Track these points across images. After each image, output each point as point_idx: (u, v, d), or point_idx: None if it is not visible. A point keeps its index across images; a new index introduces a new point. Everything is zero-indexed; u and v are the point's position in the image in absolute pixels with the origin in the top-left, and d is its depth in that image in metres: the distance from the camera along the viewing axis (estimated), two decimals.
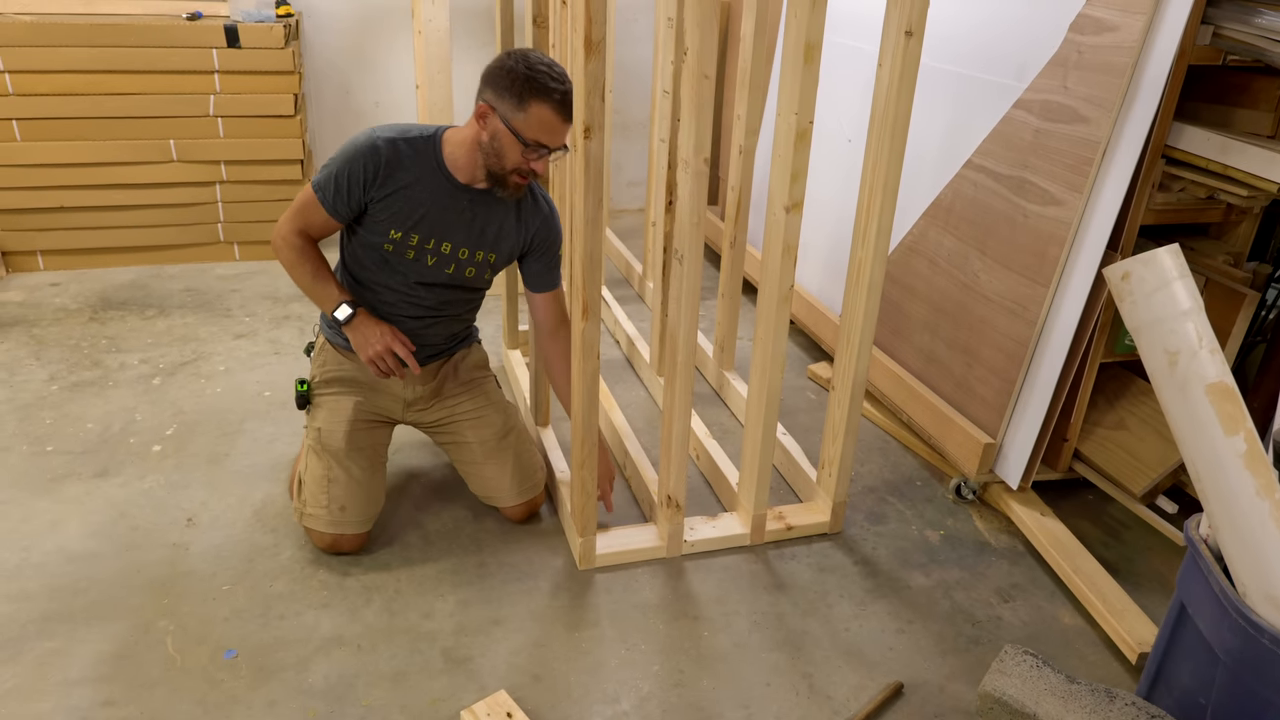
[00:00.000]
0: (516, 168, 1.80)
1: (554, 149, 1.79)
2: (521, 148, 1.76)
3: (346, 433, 1.95)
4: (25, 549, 1.94)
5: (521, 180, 1.83)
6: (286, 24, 3.27)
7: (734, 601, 1.89)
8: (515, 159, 1.78)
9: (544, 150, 1.78)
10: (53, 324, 2.97)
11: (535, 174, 1.82)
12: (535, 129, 1.74)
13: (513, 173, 1.81)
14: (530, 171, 1.81)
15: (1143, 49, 1.81)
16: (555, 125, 1.74)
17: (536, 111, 1.72)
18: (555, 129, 1.75)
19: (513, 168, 1.80)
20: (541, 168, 1.81)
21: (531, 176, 1.83)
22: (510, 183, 1.83)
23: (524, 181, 1.84)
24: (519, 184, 1.84)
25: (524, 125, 1.74)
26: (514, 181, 1.83)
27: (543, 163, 1.81)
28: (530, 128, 1.74)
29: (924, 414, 2.36)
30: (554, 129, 1.75)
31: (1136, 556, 2.08)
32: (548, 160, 1.81)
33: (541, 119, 1.73)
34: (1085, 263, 1.94)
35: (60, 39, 3.08)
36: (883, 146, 1.75)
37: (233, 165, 3.36)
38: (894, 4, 1.66)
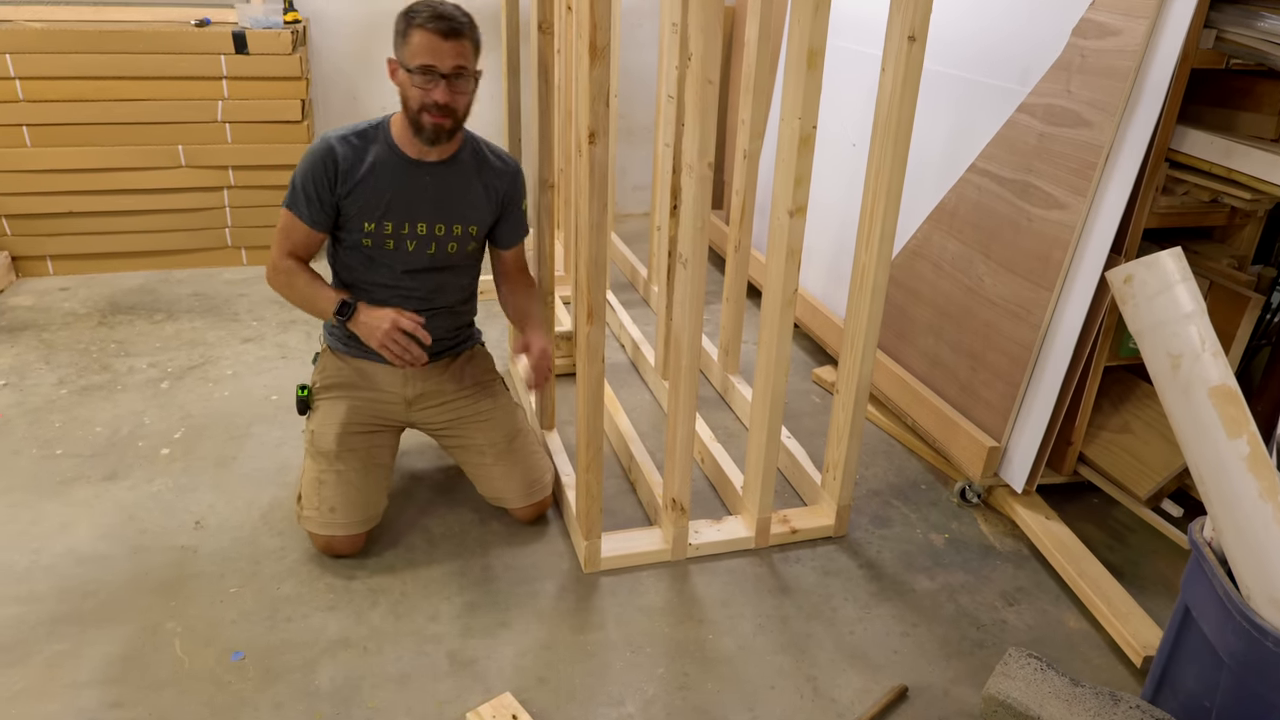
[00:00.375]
0: (421, 104, 1.78)
1: (445, 72, 1.75)
2: (415, 79, 1.76)
3: (337, 435, 1.97)
4: (35, 551, 1.96)
5: (434, 118, 1.79)
6: (294, 30, 3.29)
7: (739, 604, 1.89)
8: (415, 93, 1.78)
9: (433, 74, 1.75)
10: (62, 328, 2.99)
11: (443, 106, 1.78)
12: (417, 54, 1.75)
13: (420, 111, 1.79)
14: (436, 105, 1.77)
15: (1145, 53, 1.81)
16: (435, 44, 1.73)
17: (414, 38, 1.74)
18: (436, 48, 1.74)
19: (418, 105, 1.79)
20: (442, 95, 1.76)
21: (443, 113, 1.79)
22: (424, 123, 1.80)
23: (437, 120, 1.79)
24: (434, 123, 1.80)
25: (410, 56, 1.76)
26: (427, 121, 1.80)
27: (442, 89, 1.76)
28: (414, 55, 1.75)
29: (928, 417, 2.36)
30: (435, 49, 1.74)
31: (1142, 560, 2.08)
32: (447, 88, 1.77)
33: (420, 43, 1.74)
34: (1089, 266, 1.94)
35: (70, 45, 3.11)
36: (886, 151, 1.75)
37: (240, 170, 3.38)
38: (896, 9, 1.67)
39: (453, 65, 1.76)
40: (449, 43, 1.74)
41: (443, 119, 1.81)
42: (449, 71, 1.76)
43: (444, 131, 1.83)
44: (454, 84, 1.78)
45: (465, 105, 1.84)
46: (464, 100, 1.82)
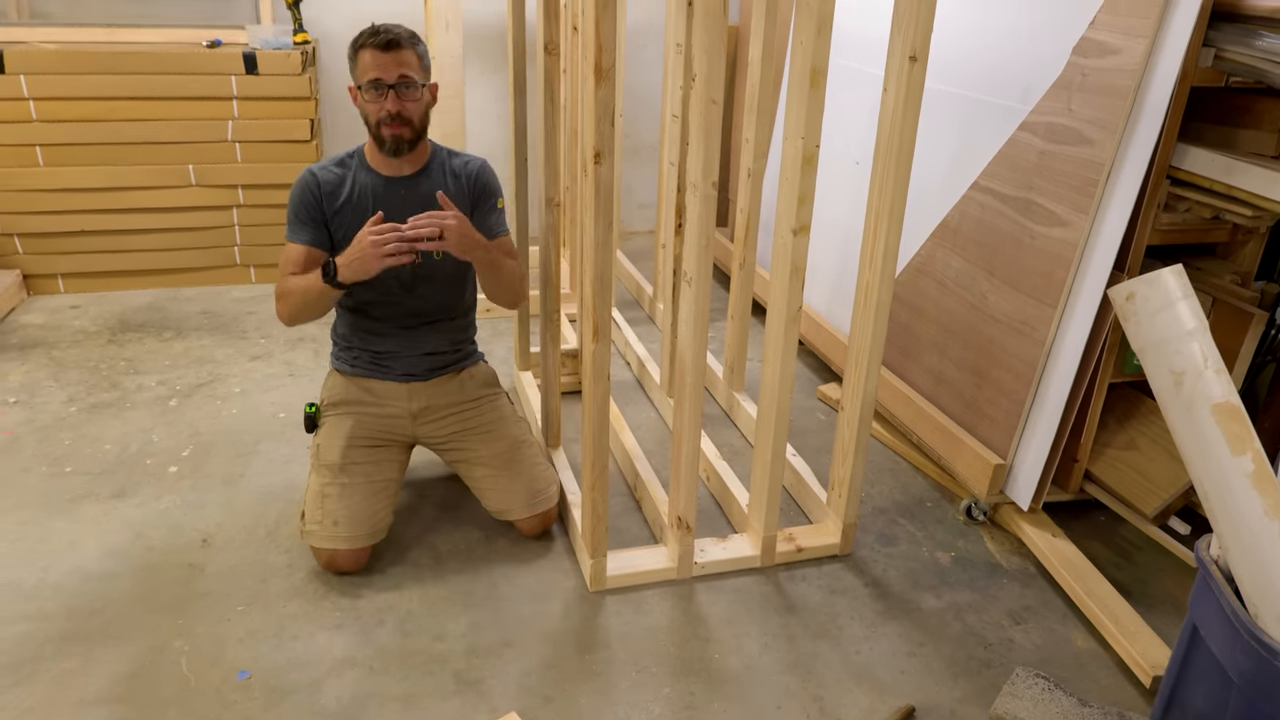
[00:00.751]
0: (377, 118, 1.89)
1: (391, 82, 1.86)
2: (366, 95, 1.88)
3: (342, 448, 1.99)
4: (43, 569, 1.97)
5: (391, 129, 1.89)
6: (303, 51, 3.33)
7: (744, 623, 1.89)
8: (371, 109, 1.89)
9: (381, 85, 1.86)
10: (72, 346, 3.02)
11: (400, 116, 1.88)
12: (365, 72, 1.87)
13: (379, 125, 1.90)
14: (393, 115, 1.87)
15: (1145, 71, 1.82)
16: (377, 59, 1.85)
17: (361, 58, 1.87)
18: (379, 62, 1.85)
19: (375, 120, 1.90)
20: (393, 104, 1.87)
21: (398, 122, 1.88)
22: (385, 136, 1.90)
23: (395, 130, 1.89)
24: (393, 134, 1.90)
25: (360, 75, 1.89)
26: (386, 134, 1.90)
27: (391, 99, 1.86)
28: (363, 73, 1.87)
29: (934, 435, 2.36)
30: (380, 63, 1.85)
31: (1149, 578, 2.07)
32: (396, 97, 1.86)
33: (365, 61, 1.87)
34: (1092, 283, 1.95)
35: (84, 66, 3.15)
36: (888, 170, 1.76)
37: (250, 189, 3.41)
38: (898, 30, 1.69)
39: (397, 75, 1.87)
40: (389, 54, 1.86)
41: (400, 128, 1.90)
42: (395, 81, 1.87)
43: (404, 141, 1.93)
44: (402, 93, 1.88)
45: (419, 114, 1.93)
46: (416, 108, 1.92)
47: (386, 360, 2.08)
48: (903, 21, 1.67)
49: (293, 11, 3.43)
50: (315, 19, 3.67)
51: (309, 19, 3.63)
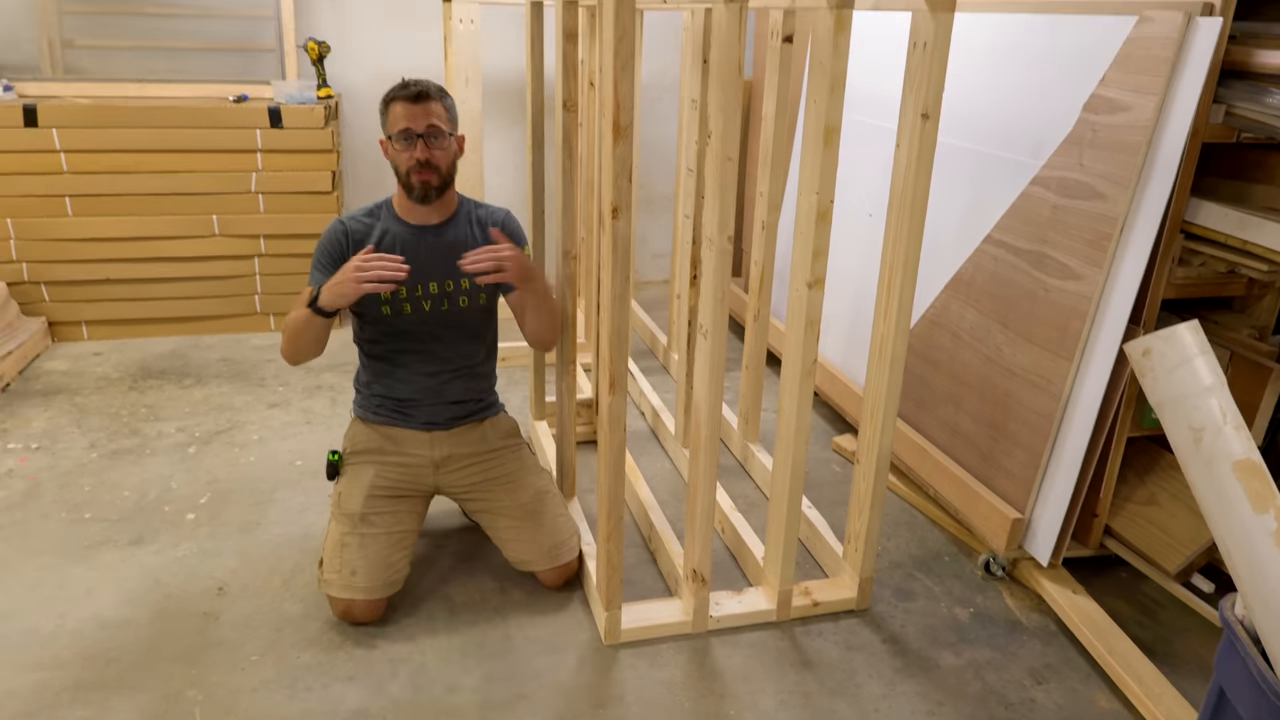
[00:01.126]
0: (407, 166, 1.96)
1: (420, 132, 1.93)
2: (397, 144, 1.95)
3: (364, 497, 2.00)
4: (61, 616, 1.97)
5: (420, 176, 1.95)
6: (326, 105, 3.41)
7: (760, 679, 1.87)
8: (402, 158, 1.96)
9: (410, 135, 1.92)
10: (94, 392, 3.05)
11: (428, 164, 1.94)
12: (396, 122, 1.94)
13: (408, 174, 1.96)
14: (421, 163, 1.94)
15: (1156, 128, 1.85)
16: (408, 110, 1.93)
17: (392, 110, 1.95)
18: (411, 113, 1.93)
19: (405, 169, 1.96)
20: (421, 152, 1.93)
21: (426, 169, 1.95)
22: (414, 183, 1.97)
23: (424, 176, 1.95)
24: (421, 180, 1.96)
25: (390, 126, 1.96)
26: (415, 181, 1.96)
27: (420, 147, 1.93)
28: (394, 124, 1.95)
29: (950, 488, 2.35)
30: (410, 114, 1.93)
31: (1173, 637, 2.04)
32: (427, 146, 1.93)
33: (396, 112, 1.94)
34: (1108, 336, 1.95)
35: (114, 120, 3.24)
36: (902, 225, 1.78)
37: (271, 239, 3.48)
38: (910, 88, 1.72)
39: (426, 125, 1.93)
40: (419, 105, 1.93)
41: (428, 175, 1.96)
42: (424, 131, 1.93)
43: (432, 188, 1.98)
44: (431, 142, 1.95)
45: (447, 163, 1.99)
46: (444, 157, 1.98)
47: (409, 408, 2.10)
48: (915, 80, 1.70)
49: (317, 67, 3.53)
50: (338, 74, 3.77)
51: (332, 74, 3.72)
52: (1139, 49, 1.87)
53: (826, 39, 1.61)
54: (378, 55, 3.83)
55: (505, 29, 3.83)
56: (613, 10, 1.50)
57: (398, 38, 3.83)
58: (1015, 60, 2.24)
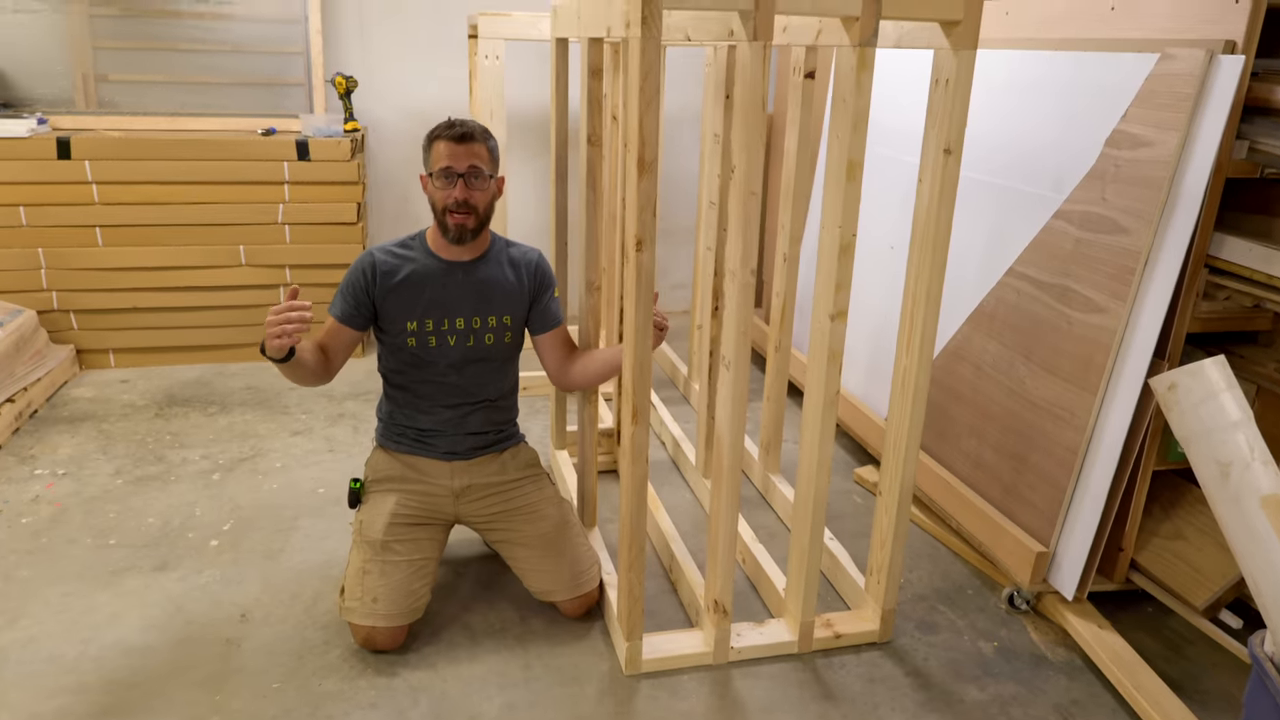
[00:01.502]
0: (444, 205, 1.97)
1: (461, 172, 1.94)
2: (437, 182, 1.96)
3: (385, 525, 2.01)
4: (84, 641, 1.99)
5: (457, 216, 1.97)
6: (353, 139, 3.48)
7: (782, 713, 1.85)
8: (440, 196, 1.97)
9: (451, 174, 1.94)
10: (120, 419, 3.09)
11: (466, 204, 1.96)
12: (438, 160, 1.96)
13: (445, 212, 1.98)
14: (459, 203, 1.95)
15: (1179, 163, 1.86)
16: (451, 149, 1.95)
17: (435, 149, 1.97)
18: (454, 153, 1.95)
19: (442, 207, 1.98)
20: (460, 192, 1.95)
21: (463, 210, 1.96)
22: (450, 224, 1.98)
23: (460, 217, 1.97)
24: (457, 222, 1.98)
25: (432, 164, 1.98)
26: (451, 222, 1.98)
27: (460, 187, 1.95)
28: (435, 162, 1.97)
29: (973, 520, 2.34)
30: (453, 153, 1.94)
31: (1201, 674, 2.01)
32: (466, 186, 1.95)
33: (439, 151, 1.96)
34: (1132, 370, 1.95)
35: (146, 153, 3.31)
36: (925, 258, 1.80)
37: (297, 269, 3.53)
38: (932, 124, 1.74)
39: (467, 165, 1.95)
40: (462, 146, 1.95)
41: (465, 216, 1.98)
42: (465, 171, 1.95)
43: (467, 230, 2.00)
44: (471, 182, 1.96)
45: (485, 204, 2.00)
46: (482, 198, 1.99)
47: (430, 438, 2.12)
48: (937, 116, 1.72)
49: (344, 101, 3.60)
50: (365, 109, 3.85)
51: (359, 108, 3.80)
52: (1162, 85, 1.89)
53: (849, 76, 1.63)
54: (404, 90, 3.91)
55: (526, 64, 3.90)
56: (639, 48, 1.53)
57: (423, 73, 3.91)
58: (1036, 96, 2.26)
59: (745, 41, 1.57)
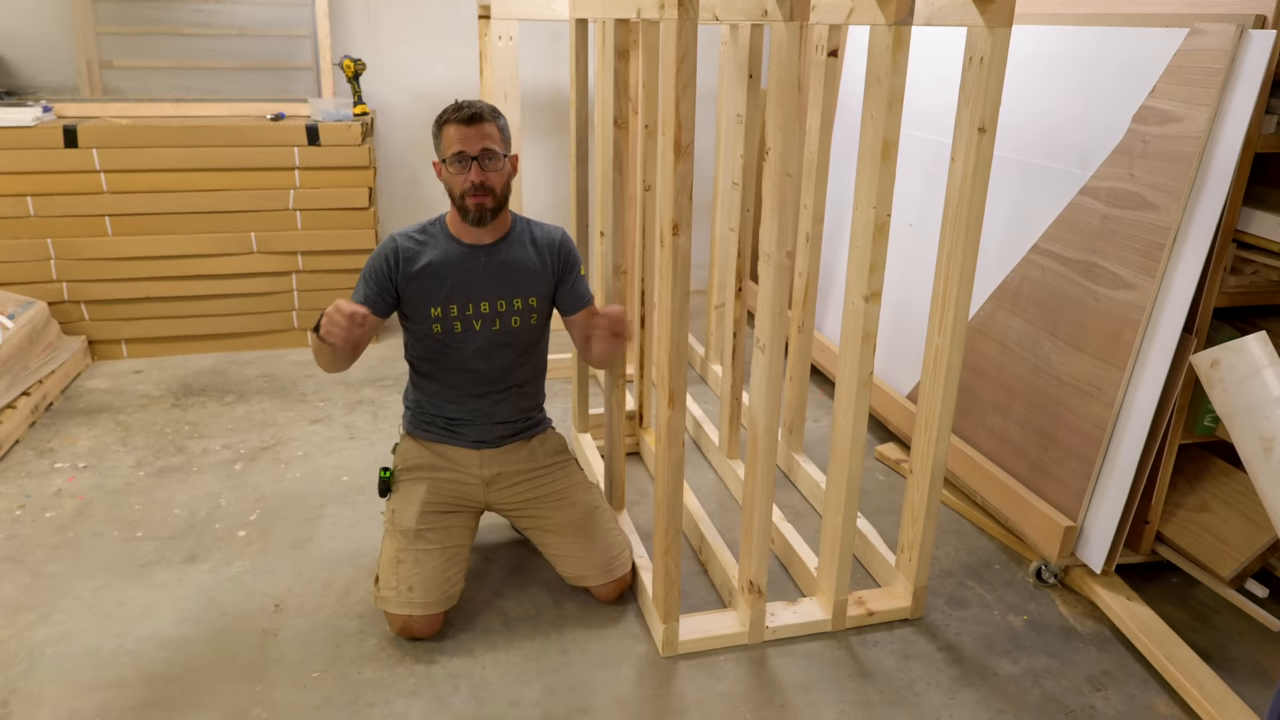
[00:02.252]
0: (461, 189, 1.95)
1: (474, 154, 1.92)
2: (451, 168, 1.94)
3: (418, 513, 2.02)
4: (120, 635, 1.99)
5: (475, 199, 1.95)
6: (363, 122, 3.45)
7: (819, 690, 1.87)
8: (456, 181, 1.96)
9: (465, 158, 1.92)
10: (137, 410, 3.09)
11: (483, 186, 1.94)
12: (450, 145, 1.94)
13: (463, 196, 1.96)
14: (476, 186, 1.94)
15: (1209, 138, 1.85)
16: (462, 133, 1.92)
17: (446, 133, 1.94)
18: (465, 136, 1.92)
19: (460, 191, 1.96)
20: (476, 174, 1.93)
21: (481, 192, 1.95)
22: (469, 206, 1.97)
23: (479, 199, 1.95)
24: (476, 203, 1.96)
25: (444, 149, 1.95)
26: (470, 204, 1.96)
27: (475, 170, 1.93)
28: (448, 147, 1.94)
29: (999, 496, 2.35)
30: (464, 137, 1.92)
31: (1229, 643, 2.03)
32: (481, 169, 1.93)
33: (450, 135, 1.93)
34: (1161, 345, 1.95)
35: (154, 140, 3.28)
36: (958, 237, 1.79)
37: (309, 255, 3.51)
38: (965, 102, 1.73)
39: (480, 147, 1.93)
40: (472, 128, 1.93)
41: (483, 198, 1.96)
42: (478, 153, 1.93)
43: (487, 210, 1.98)
44: (485, 164, 1.95)
45: (502, 184, 1.99)
46: (499, 179, 1.98)
47: (458, 426, 2.12)
48: (970, 94, 1.72)
49: (353, 85, 3.56)
50: (373, 91, 3.81)
51: (367, 91, 3.76)
52: (1190, 60, 1.88)
53: (885, 55, 1.62)
54: (412, 72, 3.87)
55: (536, 43, 3.87)
56: (675, 30, 1.52)
57: (432, 54, 3.87)
58: (1062, 72, 2.25)
59: (781, 22, 1.55)
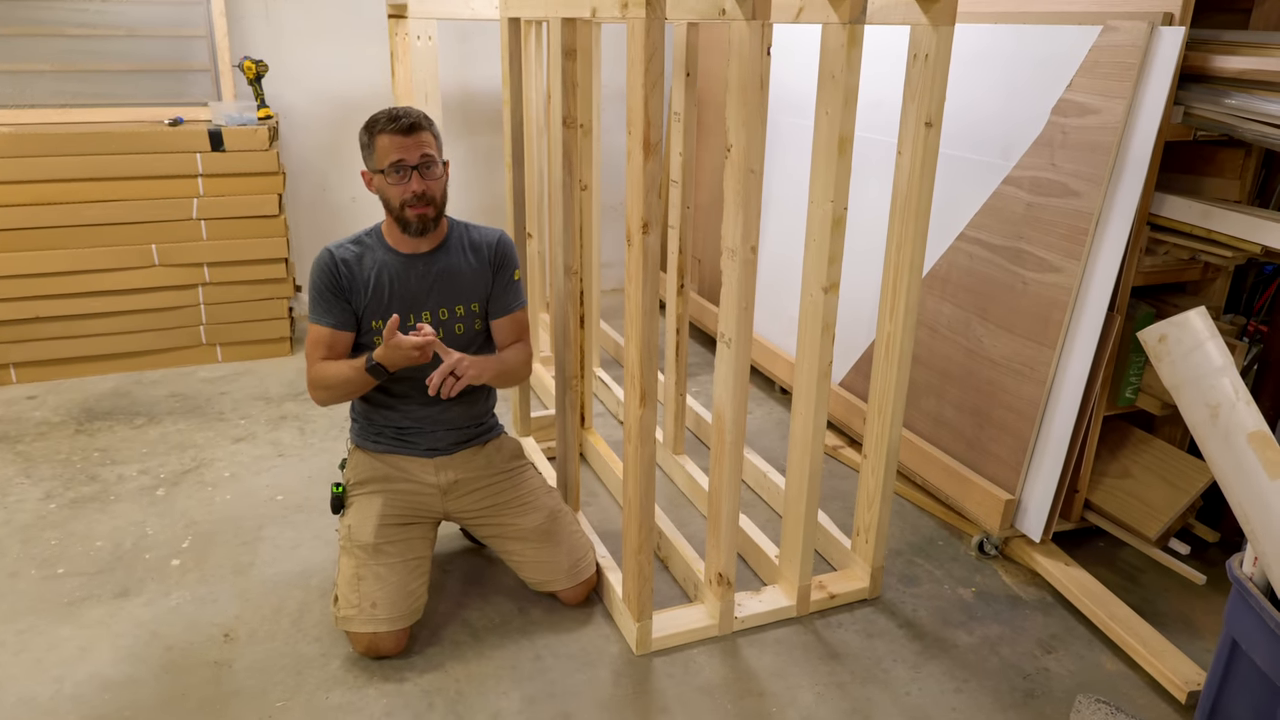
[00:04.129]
0: (401, 200, 1.90)
1: (414, 164, 1.88)
2: (389, 178, 1.89)
3: (375, 528, 1.96)
4: (57, 680, 1.85)
5: (416, 210, 1.91)
6: (269, 126, 3.30)
7: (793, 675, 1.92)
8: (394, 192, 1.90)
9: (404, 167, 1.88)
10: (37, 439, 2.87)
11: (424, 196, 1.90)
12: (386, 155, 1.88)
13: (402, 207, 1.91)
14: (418, 195, 1.89)
15: (1125, 128, 1.98)
16: (399, 142, 1.87)
17: (380, 143, 1.88)
18: (403, 145, 1.87)
19: (399, 202, 1.91)
20: (417, 184, 1.89)
21: (422, 203, 1.91)
22: (410, 218, 1.92)
23: (421, 210, 1.91)
24: (418, 214, 1.92)
25: (379, 160, 1.89)
26: (411, 215, 1.92)
27: (416, 179, 1.89)
28: (383, 158, 1.88)
29: (939, 475, 2.46)
30: (402, 146, 1.87)
31: (1157, 598, 2.19)
32: (422, 177, 1.89)
33: (385, 145, 1.88)
34: (1088, 323, 2.08)
35: (38, 149, 3.05)
36: (906, 228, 1.87)
37: (216, 267, 3.34)
38: (911, 97, 1.80)
39: (419, 155, 1.89)
40: (410, 137, 1.87)
41: (424, 208, 1.92)
42: (417, 162, 1.88)
43: (429, 220, 1.94)
44: (425, 173, 1.90)
45: (441, 191, 1.95)
46: (438, 186, 1.94)
47: (410, 435, 2.06)
48: (916, 90, 1.79)
49: (254, 87, 3.40)
50: (276, 94, 3.64)
51: (270, 94, 3.59)
52: (1105, 56, 2.01)
53: (839, 53, 1.67)
54: (317, 73, 3.72)
55: (445, 44, 3.78)
56: (643, 28, 1.52)
57: (336, 55, 3.73)
58: (982, 68, 2.36)
59: (743, 20, 1.58)
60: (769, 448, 2.88)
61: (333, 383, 1.93)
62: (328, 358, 1.95)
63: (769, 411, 3.19)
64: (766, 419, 3.13)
